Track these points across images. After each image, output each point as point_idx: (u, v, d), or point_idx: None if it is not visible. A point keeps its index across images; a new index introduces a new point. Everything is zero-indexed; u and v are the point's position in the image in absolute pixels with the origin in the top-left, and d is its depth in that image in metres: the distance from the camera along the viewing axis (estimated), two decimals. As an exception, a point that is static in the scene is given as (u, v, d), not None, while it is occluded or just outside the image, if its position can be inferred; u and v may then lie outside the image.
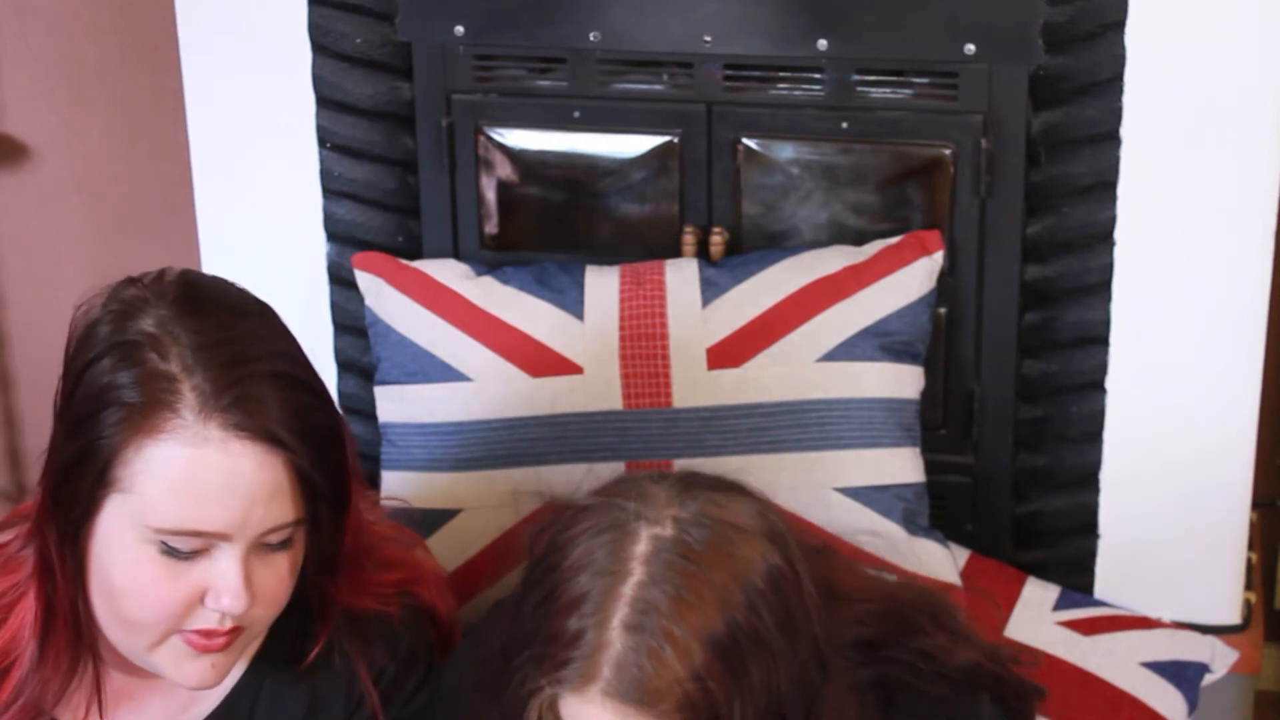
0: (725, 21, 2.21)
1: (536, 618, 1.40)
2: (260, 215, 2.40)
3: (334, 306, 2.41)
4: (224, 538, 1.41)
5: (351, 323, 2.39)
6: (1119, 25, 2.12)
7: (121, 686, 1.57)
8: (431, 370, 2.19)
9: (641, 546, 1.38)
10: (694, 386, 2.15)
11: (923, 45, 2.18)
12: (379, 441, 2.25)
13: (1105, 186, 2.18)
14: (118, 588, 1.43)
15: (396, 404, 2.21)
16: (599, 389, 2.16)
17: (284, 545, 1.45)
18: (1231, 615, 2.29)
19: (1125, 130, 2.16)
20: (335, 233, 2.39)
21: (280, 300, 2.42)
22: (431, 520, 2.19)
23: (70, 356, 1.46)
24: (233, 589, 1.42)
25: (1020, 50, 2.15)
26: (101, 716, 1.53)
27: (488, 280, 2.24)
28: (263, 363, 1.42)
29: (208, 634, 1.45)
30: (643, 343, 2.16)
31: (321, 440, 1.44)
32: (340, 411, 1.50)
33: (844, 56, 2.20)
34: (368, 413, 2.34)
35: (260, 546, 1.44)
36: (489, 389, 2.18)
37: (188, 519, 1.40)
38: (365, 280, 2.27)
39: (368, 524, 1.63)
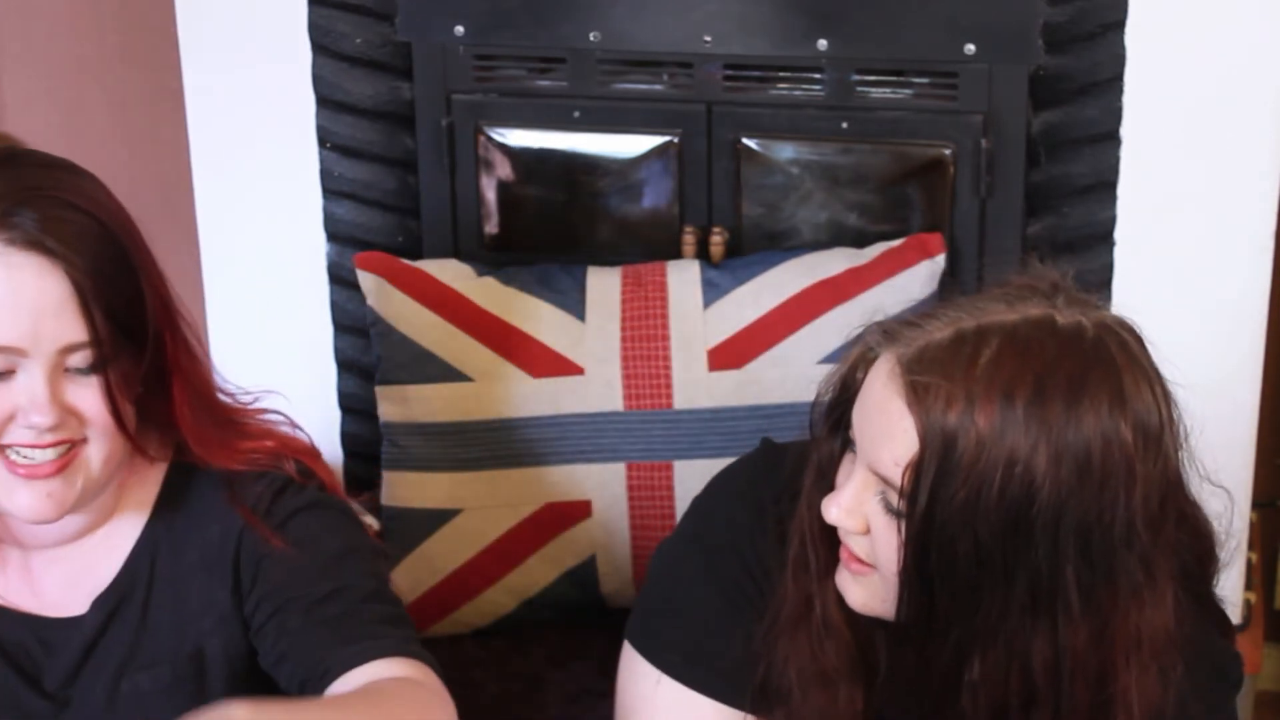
0: (725, 21, 2.21)
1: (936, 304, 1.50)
2: (260, 215, 2.40)
3: (334, 306, 2.41)
4: (20, 354, 1.50)
5: (351, 323, 2.39)
6: (1119, 25, 2.12)
7: (21, 564, 1.64)
8: (433, 370, 2.19)
9: (1036, 311, 1.43)
10: (695, 388, 2.15)
11: (923, 45, 2.18)
12: (379, 441, 2.25)
13: (1105, 186, 2.19)
14: None
15: (397, 404, 2.21)
16: (600, 390, 2.16)
17: (93, 369, 1.53)
18: (1232, 615, 2.28)
19: (1125, 130, 2.16)
20: (335, 233, 2.39)
21: (280, 300, 2.43)
22: (431, 520, 2.19)
23: None
24: (38, 402, 1.50)
25: (1020, 50, 2.16)
26: None
27: (489, 281, 2.24)
28: (51, 192, 1.52)
29: (32, 464, 1.53)
30: (644, 344, 2.17)
31: (102, 261, 1.52)
32: (145, 251, 1.57)
33: (844, 56, 2.20)
34: (368, 413, 2.34)
35: (68, 370, 1.52)
36: (490, 389, 2.18)
37: None
38: (367, 280, 2.26)
39: (223, 401, 1.69)
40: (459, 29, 2.28)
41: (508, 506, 2.19)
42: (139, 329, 1.55)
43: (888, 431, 1.42)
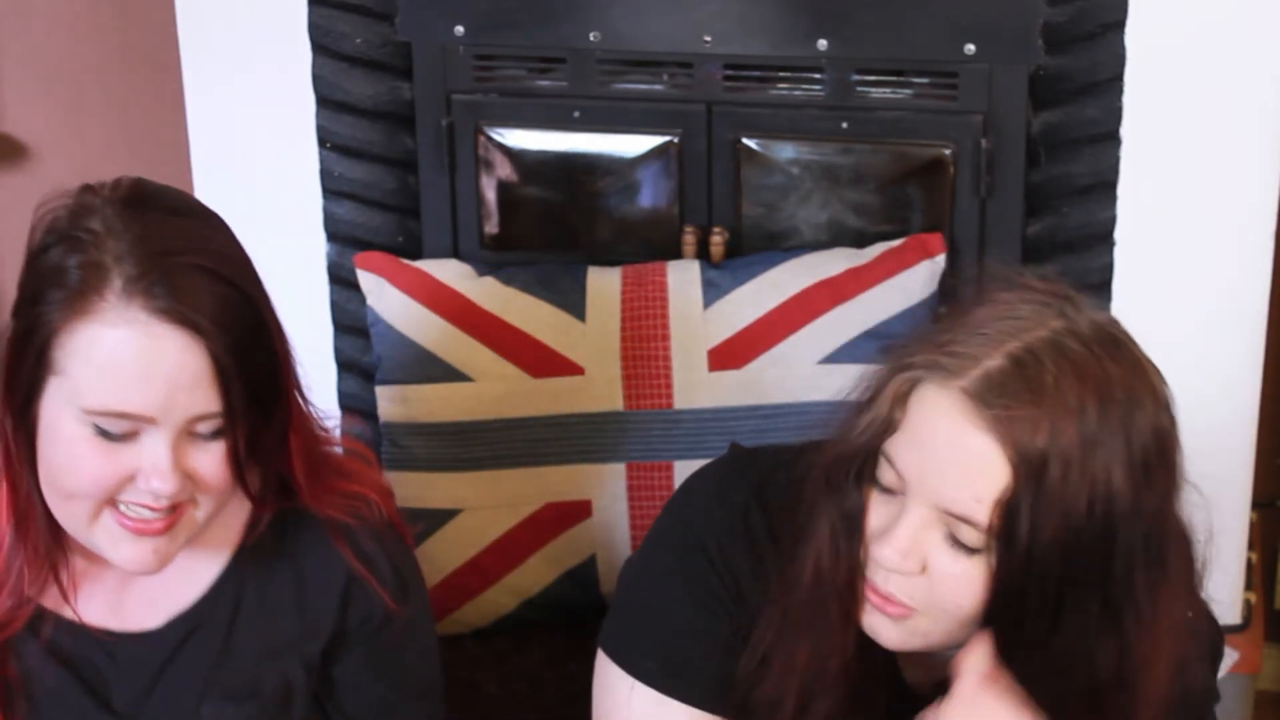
0: (725, 21, 2.21)
1: (937, 325, 1.48)
2: (260, 215, 2.40)
3: (334, 306, 2.41)
4: (150, 421, 1.46)
5: (351, 323, 2.39)
6: (1119, 25, 2.12)
7: (94, 576, 1.61)
8: (433, 370, 2.19)
9: (1058, 322, 1.42)
10: (695, 388, 2.15)
11: (923, 45, 2.18)
12: (379, 441, 2.25)
13: (1105, 186, 2.18)
14: (56, 465, 1.49)
15: (397, 404, 2.21)
16: (600, 389, 2.16)
17: (216, 435, 1.49)
18: (1231, 615, 2.29)
19: (1125, 130, 2.16)
20: (335, 233, 2.39)
21: (280, 300, 2.43)
22: (431, 520, 2.19)
23: (30, 247, 1.53)
24: (161, 471, 1.47)
25: (1020, 50, 2.15)
26: (64, 596, 1.58)
27: (490, 280, 2.24)
28: (192, 256, 1.47)
29: (143, 520, 1.50)
30: (644, 344, 2.17)
31: (243, 334, 1.48)
32: (275, 315, 1.54)
33: (844, 56, 2.20)
34: (368, 413, 2.34)
35: (191, 435, 1.48)
36: (490, 389, 2.18)
37: (113, 400, 1.45)
38: (367, 280, 2.27)
39: (323, 437, 1.66)
40: (459, 29, 2.28)
41: (508, 506, 2.19)
42: (272, 397, 1.52)
43: (968, 468, 1.39)
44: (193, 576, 1.62)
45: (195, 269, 1.46)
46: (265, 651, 1.62)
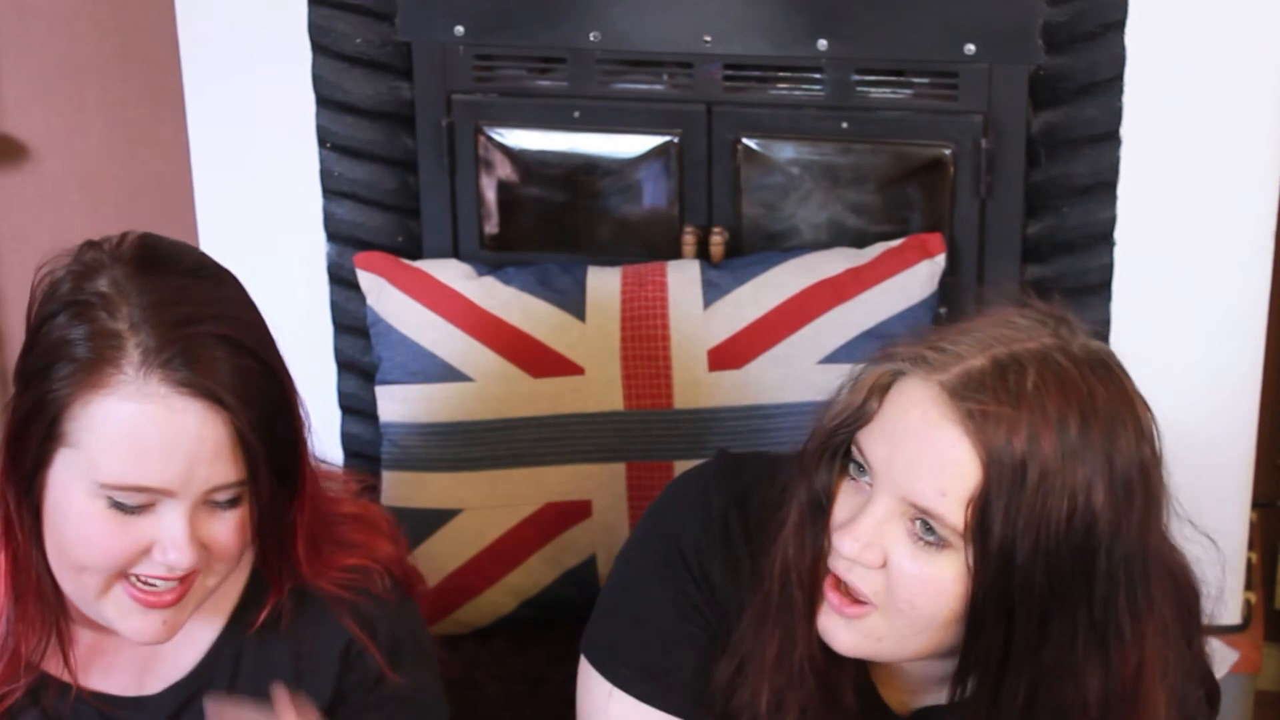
0: (725, 21, 2.21)
1: (932, 328, 1.47)
2: (260, 215, 2.40)
3: (334, 306, 2.41)
4: (168, 494, 1.42)
5: (351, 323, 2.39)
6: (1119, 25, 2.12)
7: (94, 643, 1.58)
8: (433, 370, 2.19)
9: (1050, 339, 1.42)
10: (695, 388, 2.15)
11: (923, 45, 2.18)
12: (379, 441, 2.25)
13: (1105, 186, 2.18)
14: (67, 538, 1.45)
15: (397, 404, 2.21)
16: (600, 390, 2.16)
17: (233, 504, 1.46)
18: (1231, 615, 2.29)
19: (1125, 130, 2.16)
20: (335, 233, 2.39)
21: (280, 300, 2.43)
22: (431, 520, 2.19)
23: (31, 315, 1.48)
24: (178, 544, 1.43)
25: (1020, 50, 2.16)
26: (70, 671, 1.55)
27: (489, 280, 2.24)
28: (210, 324, 1.43)
29: (155, 592, 1.46)
30: (644, 344, 2.17)
31: (264, 405, 1.44)
32: (292, 382, 1.50)
33: (844, 56, 2.21)
34: (368, 413, 2.34)
35: (208, 504, 1.45)
36: (490, 389, 2.18)
37: (131, 474, 1.41)
38: (367, 280, 2.27)
39: (332, 504, 1.63)
40: (459, 29, 2.28)
41: (508, 506, 2.19)
42: (291, 464, 1.49)
43: (935, 460, 1.38)
44: (190, 642, 1.59)
45: (215, 339, 1.42)
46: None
